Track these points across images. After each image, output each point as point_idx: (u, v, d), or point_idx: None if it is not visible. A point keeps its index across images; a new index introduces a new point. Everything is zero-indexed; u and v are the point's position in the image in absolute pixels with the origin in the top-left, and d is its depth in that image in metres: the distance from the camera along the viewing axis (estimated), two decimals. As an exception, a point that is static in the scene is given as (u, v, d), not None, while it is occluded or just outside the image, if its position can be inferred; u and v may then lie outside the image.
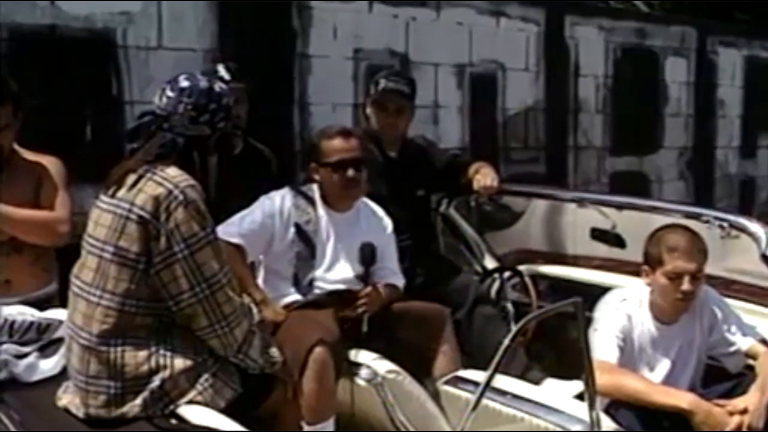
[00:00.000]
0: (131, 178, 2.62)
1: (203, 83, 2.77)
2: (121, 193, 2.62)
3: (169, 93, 2.73)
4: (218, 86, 2.82)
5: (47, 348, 2.98)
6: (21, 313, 3.07)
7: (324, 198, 3.72)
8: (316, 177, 3.72)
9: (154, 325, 2.60)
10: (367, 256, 3.60)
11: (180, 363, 2.58)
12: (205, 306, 2.59)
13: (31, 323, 3.03)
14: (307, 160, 3.89)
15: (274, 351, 2.84)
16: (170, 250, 2.56)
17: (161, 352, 2.58)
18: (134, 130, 2.77)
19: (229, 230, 3.54)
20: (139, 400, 2.54)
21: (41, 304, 3.29)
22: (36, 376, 2.89)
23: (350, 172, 3.64)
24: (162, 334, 2.60)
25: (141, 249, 2.56)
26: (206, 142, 2.74)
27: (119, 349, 2.56)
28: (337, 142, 3.68)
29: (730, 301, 3.56)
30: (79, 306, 2.65)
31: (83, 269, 2.68)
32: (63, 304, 3.17)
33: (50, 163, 3.61)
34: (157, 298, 2.59)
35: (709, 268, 3.34)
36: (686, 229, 3.39)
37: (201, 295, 2.58)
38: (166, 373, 2.56)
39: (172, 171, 2.62)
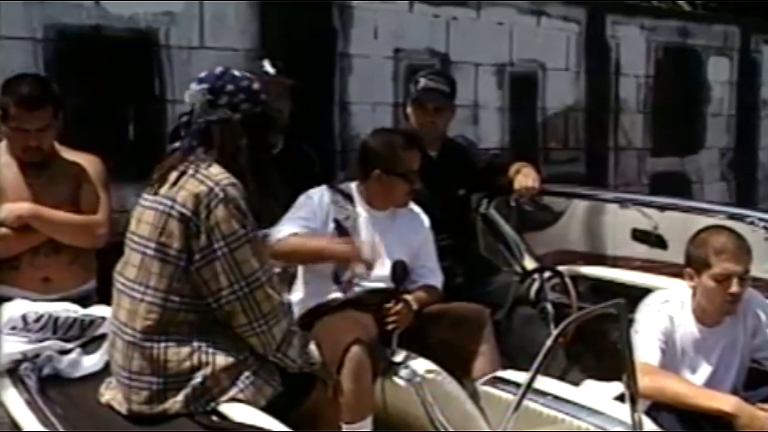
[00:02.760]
0: (173, 176, 2.65)
1: (218, 69, 2.79)
2: (164, 190, 2.65)
3: (191, 87, 2.77)
4: (236, 71, 2.82)
5: (90, 344, 3.02)
6: (65, 309, 3.11)
7: (363, 196, 3.73)
8: (375, 181, 3.72)
9: (197, 322, 2.62)
10: (399, 273, 3.57)
11: (222, 360, 2.60)
12: (244, 304, 2.60)
13: (75, 320, 3.08)
14: (364, 162, 3.81)
15: (314, 350, 2.85)
16: (210, 248, 2.57)
17: (203, 348, 2.60)
18: (174, 131, 2.79)
19: (281, 230, 3.57)
20: (180, 397, 2.56)
21: (80, 301, 3.33)
22: (79, 372, 2.93)
23: (417, 184, 3.69)
24: (204, 331, 2.62)
25: (182, 246, 2.58)
26: (230, 125, 2.72)
27: (162, 345, 2.58)
28: (411, 154, 3.72)
29: (774, 304, 3.52)
30: (123, 303, 2.67)
31: (127, 266, 2.70)
32: (102, 301, 3.23)
33: (90, 162, 3.65)
34: (199, 295, 2.61)
35: (753, 271, 3.30)
36: (730, 230, 3.35)
37: (240, 292, 2.59)
38: (208, 370, 2.58)
39: (214, 169, 2.64)
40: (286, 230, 3.57)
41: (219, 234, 2.57)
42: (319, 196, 3.71)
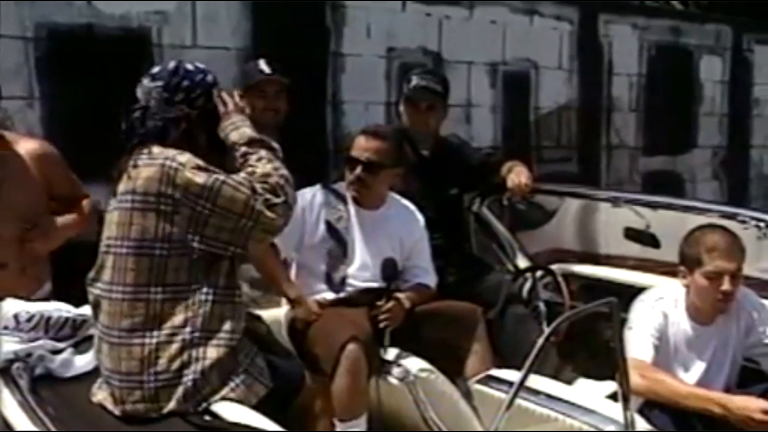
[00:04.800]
0: (125, 173, 2.63)
1: (172, 64, 2.76)
2: (122, 187, 2.63)
3: (144, 83, 2.74)
4: (190, 64, 2.79)
5: (82, 344, 3.00)
6: (57, 309, 3.10)
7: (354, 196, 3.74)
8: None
9: (187, 309, 2.59)
10: (389, 271, 3.57)
11: (212, 354, 2.58)
12: (258, 235, 2.61)
13: (67, 319, 3.06)
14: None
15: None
16: (195, 212, 2.55)
17: (194, 341, 2.57)
18: (129, 129, 2.74)
19: None
20: (173, 397, 2.55)
21: None
22: (71, 372, 2.91)
23: (357, 170, 3.65)
24: (192, 320, 2.59)
25: (155, 234, 2.57)
26: (188, 122, 2.71)
27: (154, 340, 2.56)
28: (360, 139, 3.71)
29: (767, 303, 3.52)
30: (103, 307, 2.65)
31: (102, 271, 2.67)
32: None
33: (43, 147, 3.42)
34: (183, 282, 2.59)
35: (746, 269, 3.31)
36: (723, 228, 3.36)
37: (250, 222, 2.57)
38: (198, 368, 2.56)
39: (156, 149, 2.62)
40: None
41: (193, 196, 2.55)
42: (311, 195, 3.71)
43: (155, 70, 2.75)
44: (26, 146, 3.37)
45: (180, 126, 2.70)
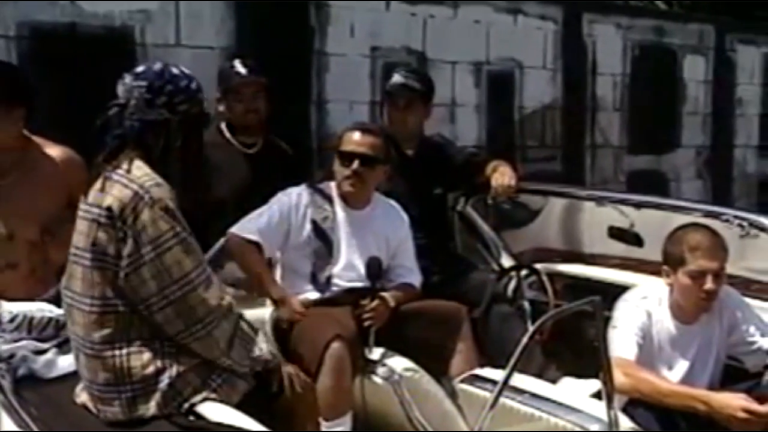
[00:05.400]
0: (99, 181, 2.57)
1: (158, 66, 2.70)
2: (91, 197, 2.58)
3: (126, 80, 2.67)
4: (176, 69, 2.71)
5: (66, 344, 2.98)
6: (40, 309, 3.08)
7: (341, 195, 3.73)
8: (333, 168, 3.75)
9: (154, 323, 2.55)
10: (374, 270, 3.55)
11: (186, 360, 2.56)
12: (178, 309, 2.50)
13: (50, 320, 3.05)
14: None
15: (263, 347, 2.73)
16: (138, 253, 2.49)
17: (166, 350, 2.55)
18: (103, 125, 2.66)
19: (247, 227, 3.57)
20: (152, 402, 2.52)
21: None
22: (54, 373, 2.90)
23: (355, 165, 3.65)
24: (160, 330, 2.55)
25: (115, 252, 2.51)
26: (167, 127, 2.64)
27: (124, 351, 2.53)
28: (353, 135, 3.70)
29: (750, 301, 3.54)
30: (76, 318, 2.61)
31: (72, 279, 2.63)
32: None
33: (69, 154, 3.47)
34: (134, 303, 2.54)
35: (729, 268, 3.32)
36: (706, 227, 3.37)
37: (172, 297, 2.50)
38: (173, 372, 2.54)
39: (138, 171, 2.55)
40: (246, 232, 3.57)
41: (146, 238, 2.48)
42: (297, 195, 3.70)
43: (140, 69, 2.69)
44: (53, 152, 3.44)
45: (158, 131, 2.63)
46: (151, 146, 2.62)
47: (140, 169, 2.56)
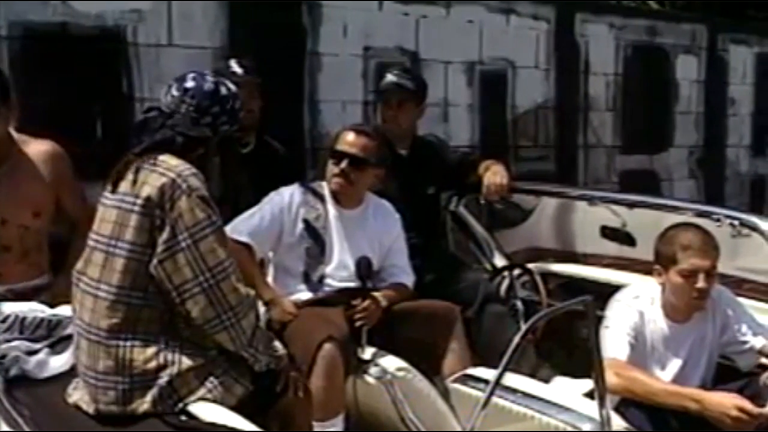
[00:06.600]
0: (132, 172, 2.63)
1: (208, 85, 2.76)
2: (124, 187, 2.63)
3: (174, 92, 2.74)
4: (225, 89, 2.79)
5: (57, 344, 2.98)
6: (32, 309, 3.08)
7: (333, 195, 3.73)
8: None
9: (162, 320, 2.60)
10: (364, 270, 3.55)
11: (188, 360, 2.58)
12: (210, 296, 2.56)
13: (42, 320, 3.04)
14: None
15: (277, 345, 2.83)
16: (174, 239, 2.55)
17: (170, 347, 2.58)
18: (140, 124, 2.76)
19: (239, 228, 3.57)
20: (148, 397, 2.54)
21: (29, 294, 3.34)
22: (46, 373, 2.90)
23: (343, 164, 3.65)
24: (171, 329, 2.61)
25: (146, 241, 2.57)
26: (207, 144, 2.74)
27: (128, 344, 2.56)
28: (348, 135, 3.71)
29: (742, 300, 3.55)
30: (86, 303, 2.65)
31: (89, 265, 2.67)
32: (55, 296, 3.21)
33: (54, 156, 3.56)
34: (164, 290, 2.59)
35: (721, 267, 3.33)
36: (698, 227, 3.38)
37: (206, 284, 2.55)
38: (174, 370, 2.56)
39: (173, 160, 2.63)
40: (237, 234, 3.56)
41: (183, 225, 2.55)
42: (290, 194, 3.70)
43: (190, 84, 2.74)
44: (38, 147, 3.53)
45: (196, 148, 2.71)
46: (191, 161, 2.68)
47: (174, 159, 2.63)
